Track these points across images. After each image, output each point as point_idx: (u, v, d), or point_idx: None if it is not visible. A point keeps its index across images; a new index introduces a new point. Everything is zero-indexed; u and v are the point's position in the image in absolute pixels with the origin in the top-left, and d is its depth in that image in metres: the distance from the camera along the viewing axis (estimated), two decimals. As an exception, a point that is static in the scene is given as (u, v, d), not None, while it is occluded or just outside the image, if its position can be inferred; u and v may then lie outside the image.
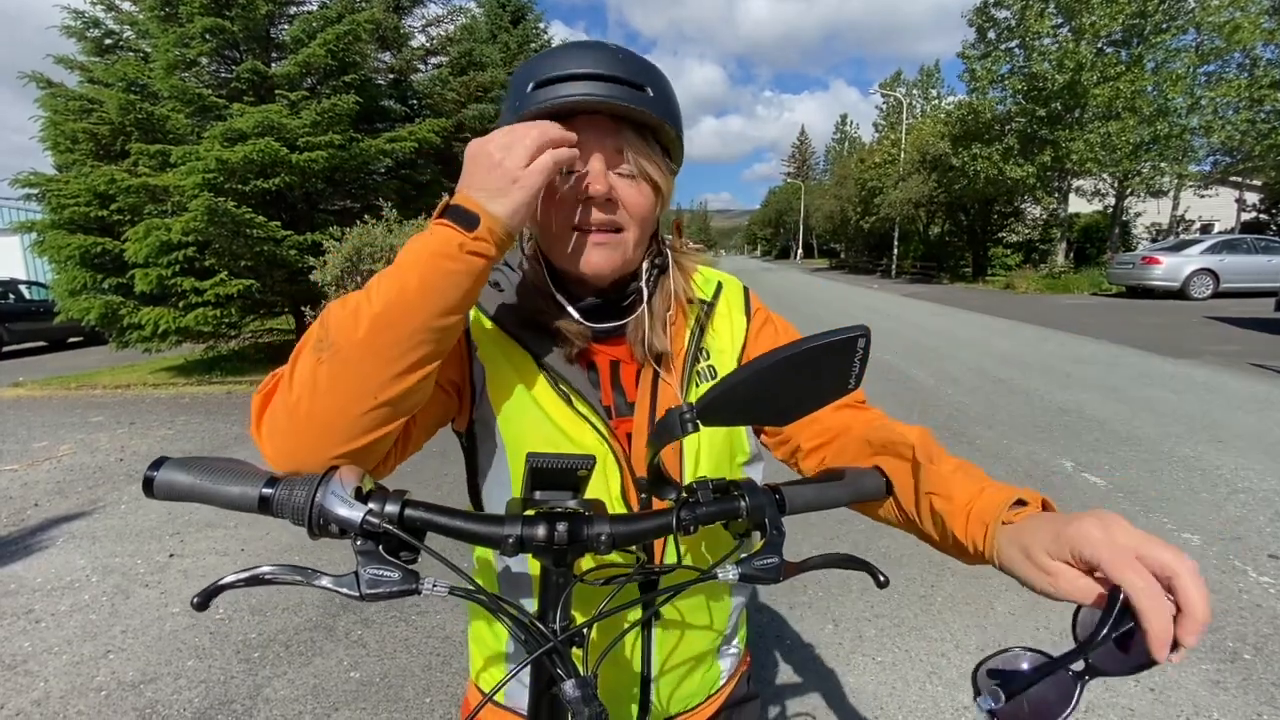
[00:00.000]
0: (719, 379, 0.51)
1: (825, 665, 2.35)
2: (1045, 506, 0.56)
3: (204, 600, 0.49)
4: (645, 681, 0.76)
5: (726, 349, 0.81)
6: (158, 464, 0.53)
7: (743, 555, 0.57)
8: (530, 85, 0.66)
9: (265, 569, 0.50)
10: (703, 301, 0.81)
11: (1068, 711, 0.45)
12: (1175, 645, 0.43)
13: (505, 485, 0.73)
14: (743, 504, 0.58)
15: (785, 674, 2.32)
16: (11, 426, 6.37)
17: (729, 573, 0.56)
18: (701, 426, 0.52)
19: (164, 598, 2.93)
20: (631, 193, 0.69)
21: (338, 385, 0.55)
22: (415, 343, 0.57)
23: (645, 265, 0.76)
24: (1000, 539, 0.54)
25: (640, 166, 0.69)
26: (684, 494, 0.59)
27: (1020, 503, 0.57)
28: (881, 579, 0.61)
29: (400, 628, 2.64)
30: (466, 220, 0.59)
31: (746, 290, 0.88)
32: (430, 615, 2.71)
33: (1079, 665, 0.45)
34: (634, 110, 0.65)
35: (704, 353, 0.79)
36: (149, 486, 0.52)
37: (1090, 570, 0.47)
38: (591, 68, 0.65)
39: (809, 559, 0.59)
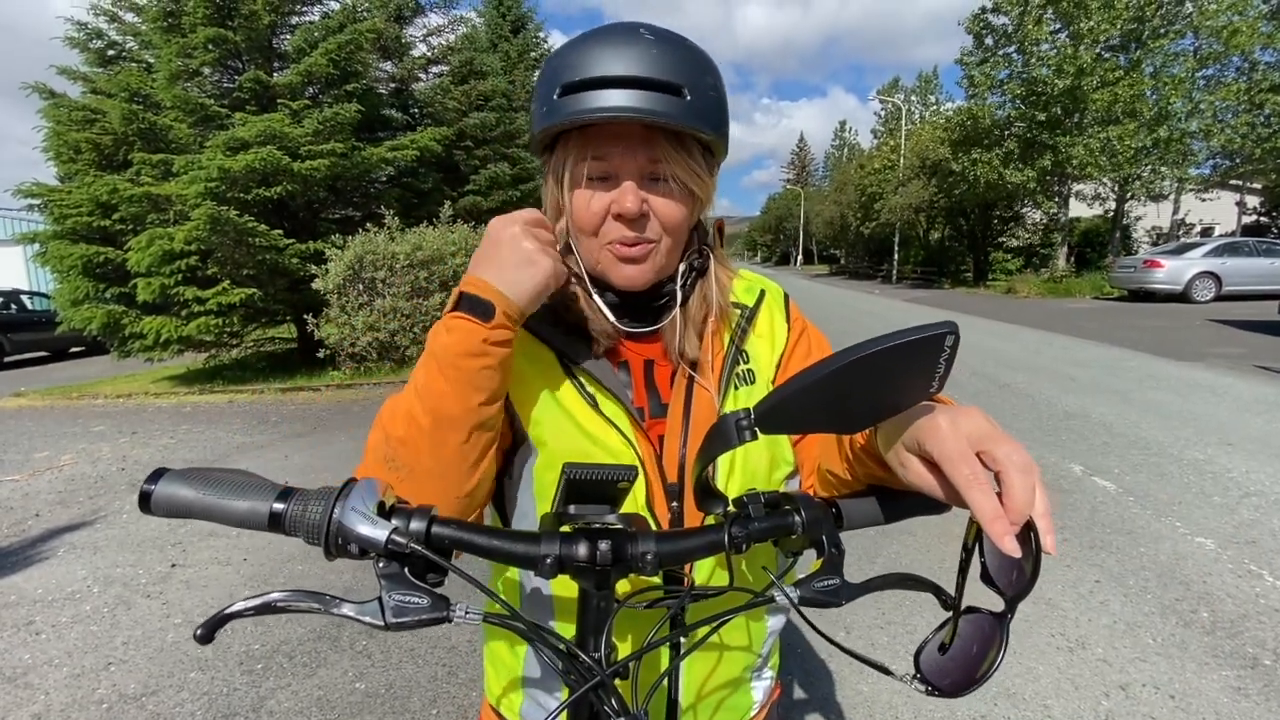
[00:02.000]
0: (782, 383, 0.47)
1: (838, 673, 2.31)
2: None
3: (208, 631, 0.45)
4: (673, 709, 0.71)
5: (766, 354, 0.78)
6: (155, 476, 0.47)
7: (800, 575, 0.53)
8: (558, 90, 0.62)
9: (277, 595, 0.45)
10: (744, 307, 0.78)
11: (998, 652, 0.48)
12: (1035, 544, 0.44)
13: (528, 490, 0.70)
14: (798, 519, 0.53)
15: (799, 682, 2.28)
16: (13, 436, 6.35)
17: (788, 596, 0.51)
18: (760, 435, 0.48)
19: (166, 608, 2.90)
20: (665, 204, 0.66)
21: (422, 497, 0.57)
22: (475, 439, 0.60)
23: (683, 268, 0.73)
24: (880, 431, 0.54)
25: (675, 175, 0.65)
26: (733, 508, 0.55)
27: None
28: (946, 599, 0.56)
29: (405, 638, 2.60)
30: (482, 310, 0.59)
31: (787, 297, 0.84)
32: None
33: (999, 606, 0.48)
34: (668, 122, 0.61)
35: (744, 355, 0.76)
36: (145, 502, 0.47)
37: (937, 463, 0.48)
38: (623, 70, 0.60)
39: (871, 580, 0.54)
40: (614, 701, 0.46)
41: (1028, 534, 0.44)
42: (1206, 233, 24.48)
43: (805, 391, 0.45)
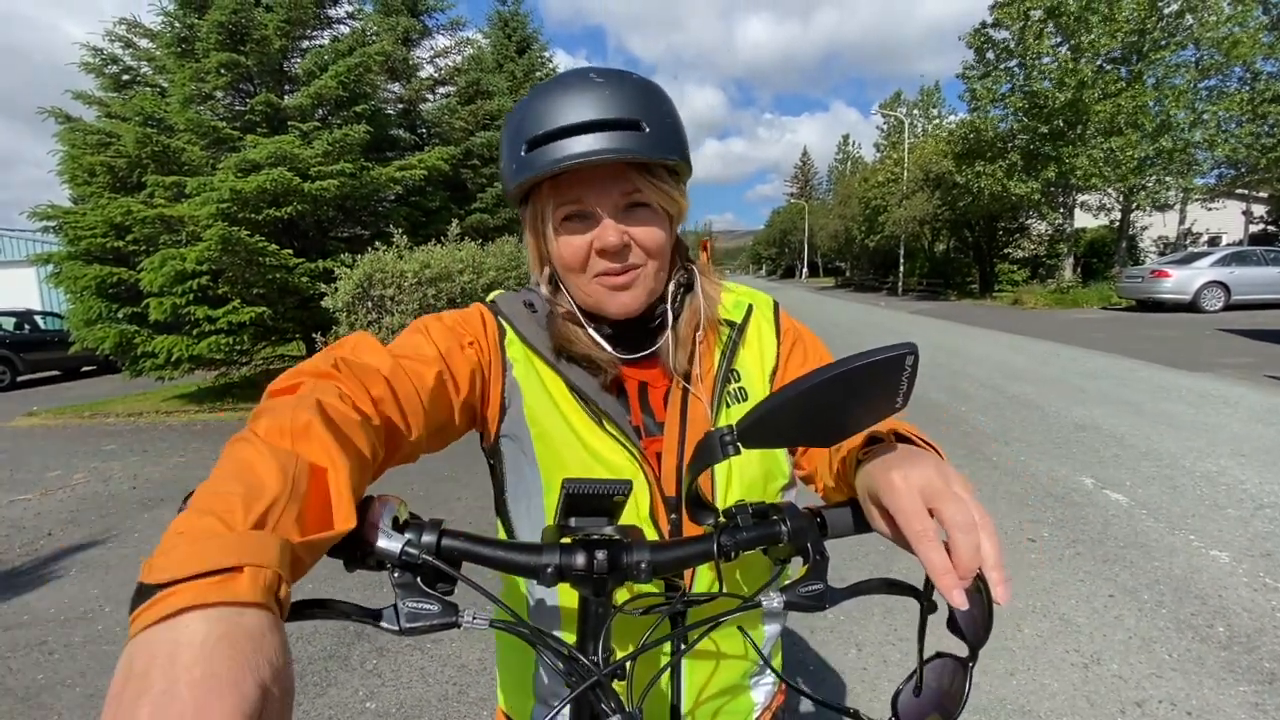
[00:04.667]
0: (761, 400, 0.50)
1: (850, 690, 2.29)
2: (900, 436, 0.60)
3: None
4: (675, 713, 0.73)
5: (757, 371, 0.80)
6: (190, 497, 0.51)
7: (786, 581, 0.55)
8: (524, 146, 0.65)
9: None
10: (733, 323, 0.81)
11: (964, 694, 0.53)
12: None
13: (536, 501, 0.73)
14: (784, 528, 0.56)
15: (809, 700, 2.26)
16: (25, 456, 6.41)
17: (773, 600, 0.54)
18: (742, 449, 0.51)
19: (177, 627, 2.91)
20: (644, 230, 0.69)
21: None
22: None
23: (671, 287, 0.77)
24: (858, 479, 0.58)
25: (648, 201, 0.69)
26: (723, 519, 0.57)
27: (875, 439, 0.61)
28: (926, 604, 0.59)
29: (416, 656, 2.60)
30: None
31: (776, 306, 0.86)
32: (445, 643, 2.68)
33: (963, 653, 0.53)
34: (635, 156, 0.64)
35: (735, 374, 0.78)
36: None
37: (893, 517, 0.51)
38: (585, 115, 0.63)
39: (855, 585, 0.57)
40: (611, 701, 0.49)
41: (980, 586, 0.47)
42: (1214, 242, 24.35)
43: (783, 407, 0.48)
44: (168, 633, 0.31)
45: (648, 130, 0.65)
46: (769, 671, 0.83)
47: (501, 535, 0.79)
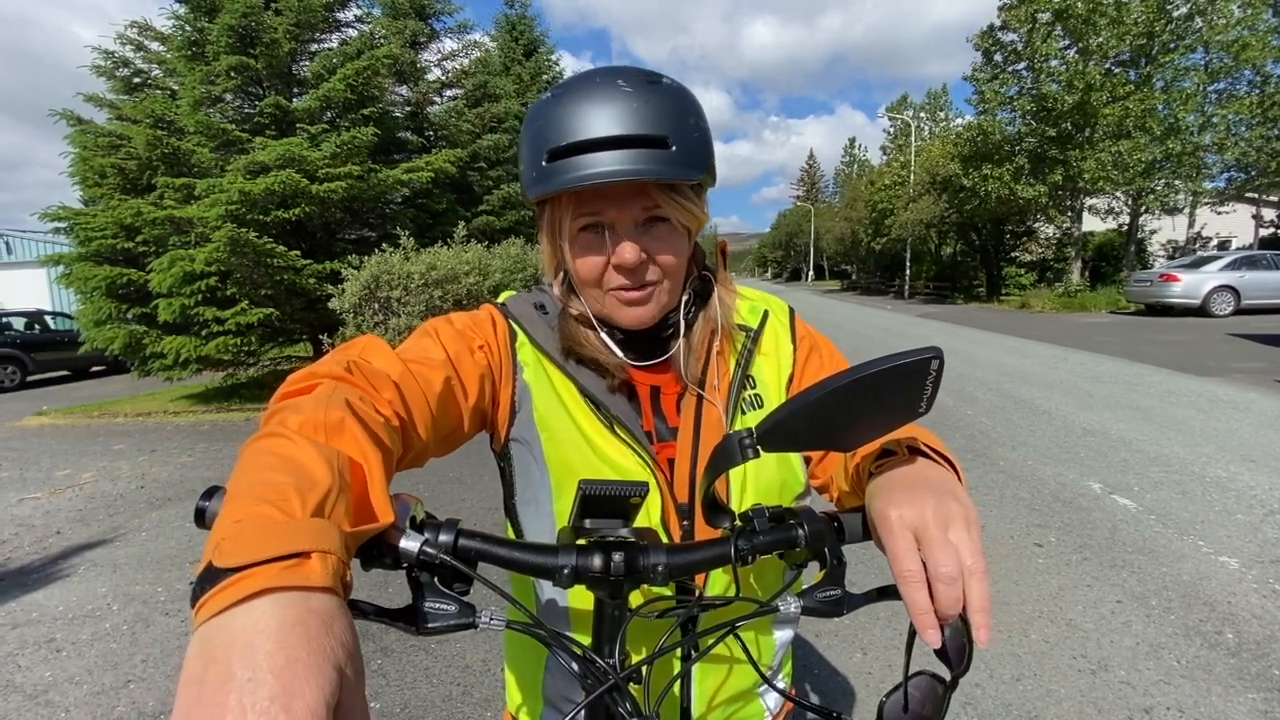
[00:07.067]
0: (781, 403, 0.49)
1: (855, 694, 2.28)
2: (914, 449, 0.60)
3: None
4: (685, 716, 0.74)
5: (773, 378, 0.79)
6: (209, 493, 0.51)
7: (804, 586, 0.55)
8: (545, 156, 0.64)
9: None
10: (748, 329, 0.80)
11: (941, 715, 0.54)
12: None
13: (545, 505, 0.72)
14: (801, 532, 0.55)
15: (814, 703, 2.26)
16: (35, 455, 6.46)
17: (791, 605, 0.53)
18: (762, 452, 0.50)
19: (185, 626, 2.92)
20: (662, 246, 0.68)
21: None
22: None
23: (685, 298, 0.76)
24: (866, 492, 0.58)
25: (668, 216, 0.68)
26: (739, 522, 0.57)
27: (889, 452, 0.60)
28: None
29: (420, 656, 2.61)
30: None
31: (792, 312, 0.86)
32: (450, 644, 2.68)
33: (943, 672, 0.54)
34: (658, 178, 0.63)
35: (750, 381, 0.78)
36: (201, 517, 0.50)
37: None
38: (607, 129, 0.61)
39: (871, 591, 0.57)
40: (628, 705, 0.48)
41: (964, 623, 0.48)
42: (1223, 246, 24.18)
43: (803, 411, 0.48)
44: (244, 618, 0.31)
45: (674, 149, 0.63)
46: (780, 677, 0.83)
47: (511, 538, 0.79)
